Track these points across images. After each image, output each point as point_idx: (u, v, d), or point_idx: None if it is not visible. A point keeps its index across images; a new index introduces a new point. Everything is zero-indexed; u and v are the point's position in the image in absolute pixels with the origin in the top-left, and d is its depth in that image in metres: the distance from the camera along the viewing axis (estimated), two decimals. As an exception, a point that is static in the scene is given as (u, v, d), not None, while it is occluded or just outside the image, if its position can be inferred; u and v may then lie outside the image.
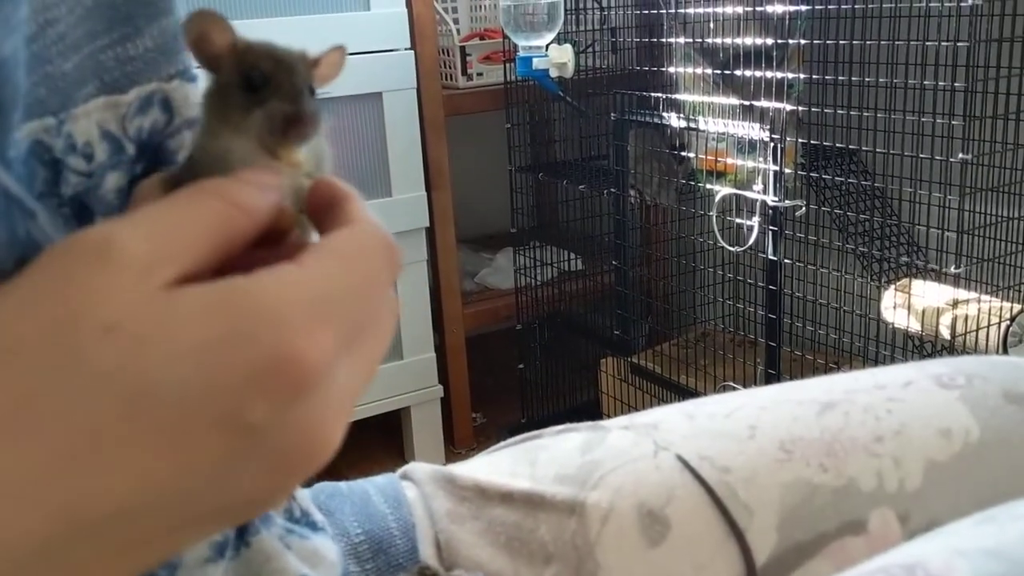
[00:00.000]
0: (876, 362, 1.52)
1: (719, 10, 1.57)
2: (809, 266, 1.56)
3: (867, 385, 0.62)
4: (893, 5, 1.34)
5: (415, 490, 0.63)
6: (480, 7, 2.28)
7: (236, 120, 0.38)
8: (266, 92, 0.38)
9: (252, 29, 0.63)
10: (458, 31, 2.12)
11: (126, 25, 0.46)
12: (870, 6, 1.37)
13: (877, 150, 1.40)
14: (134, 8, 0.46)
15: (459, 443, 2.17)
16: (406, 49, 1.91)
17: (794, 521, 0.55)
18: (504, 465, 0.63)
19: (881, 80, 1.37)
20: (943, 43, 1.26)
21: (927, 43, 1.28)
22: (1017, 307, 1.32)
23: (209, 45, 0.39)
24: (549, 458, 0.62)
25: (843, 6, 1.40)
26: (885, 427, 0.58)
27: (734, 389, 1.69)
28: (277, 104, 0.37)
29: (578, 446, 0.63)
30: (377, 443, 2.18)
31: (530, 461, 0.63)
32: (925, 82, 1.29)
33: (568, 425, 0.66)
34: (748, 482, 0.57)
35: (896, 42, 1.33)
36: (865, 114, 1.39)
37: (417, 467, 0.65)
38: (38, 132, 0.40)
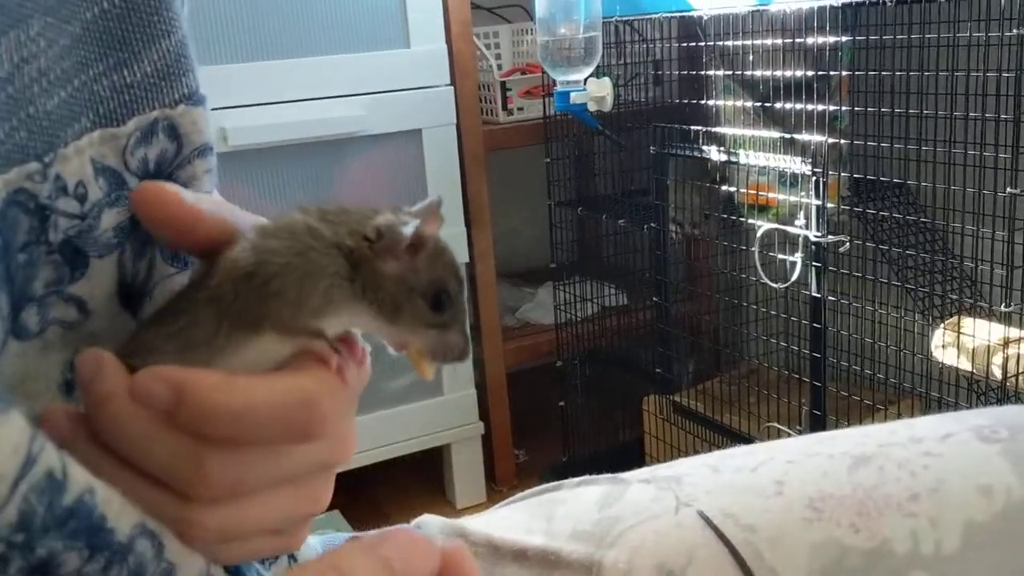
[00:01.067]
0: (926, 402, 1.47)
1: (759, 42, 1.55)
2: (855, 303, 1.51)
3: (903, 438, 0.59)
4: (936, 35, 1.31)
5: None
6: (522, 42, 2.28)
7: (406, 323, 0.40)
8: (446, 315, 0.41)
9: (294, 69, 0.63)
10: (499, 66, 2.12)
11: (122, 50, 0.43)
12: (912, 36, 1.33)
13: (923, 183, 1.36)
14: (130, 31, 0.43)
15: (501, 481, 2.14)
16: (446, 85, 1.92)
17: (823, 584, 0.52)
18: (519, 519, 0.61)
19: (927, 111, 1.34)
20: (989, 73, 1.22)
21: (972, 73, 1.24)
22: (1074, 345, 1.27)
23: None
24: (566, 513, 0.60)
25: (886, 36, 1.37)
26: (921, 484, 0.55)
27: (779, 430, 1.64)
28: (455, 337, 0.41)
29: (596, 500, 0.60)
30: (419, 481, 2.16)
31: (546, 516, 0.61)
32: (971, 113, 1.26)
33: (587, 477, 0.64)
34: (774, 542, 0.54)
35: (940, 72, 1.30)
36: (910, 146, 1.36)
37: (429, 520, 0.64)
38: (19, 181, 0.38)
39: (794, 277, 1.53)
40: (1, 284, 0.36)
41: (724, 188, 1.69)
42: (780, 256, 1.57)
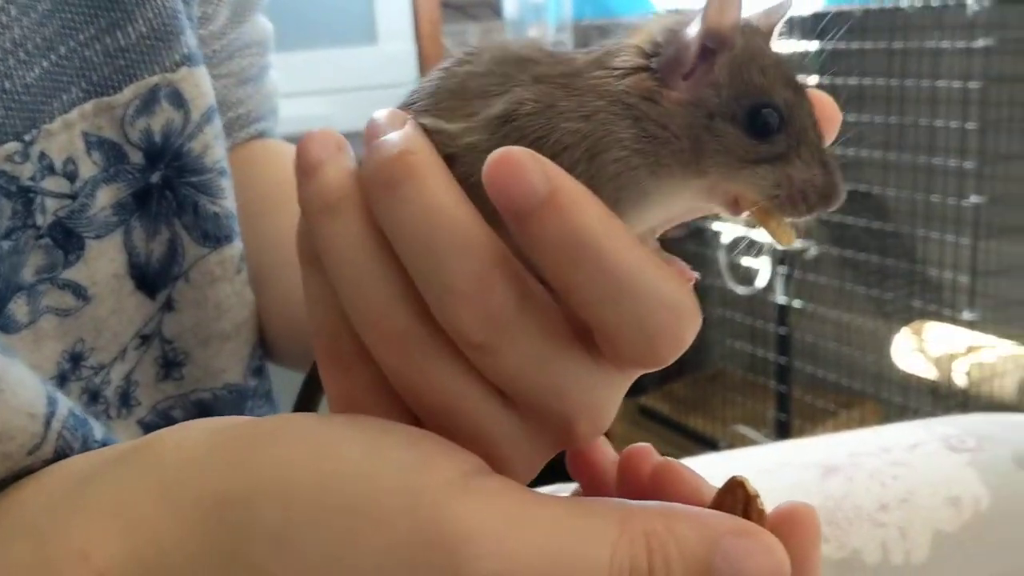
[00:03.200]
0: (889, 407, 1.48)
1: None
2: (820, 308, 1.52)
3: (872, 447, 0.59)
4: (903, 44, 1.32)
5: None
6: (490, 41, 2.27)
7: (717, 168, 0.27)
8: (779, 140, 0.27)
9: None
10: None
11: (113, 10, 0.40)
12: (879, 44, 1.34)
13: (889, 190, 1.37)
14: None
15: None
16: (414, 84, 1.90)
17: (793, 595, 0.52)
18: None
19: (893, 119, 1.35)
20: (955, 82, 1.23)
21: (939, 82, 1.26)
22: (1035, 353, 1.29)
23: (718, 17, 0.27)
24: None
25: (852, 45, 1.38)
26: (891, 494, 0.55)
27: (743, 434, 1.65)
28: (802, 170, 0.28)
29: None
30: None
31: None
32: (937, 121, 1.27)
33: (556, 487, 0.63)
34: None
35: (906, 80, 1.31)
36: (876, 154, 1.37)
37: None
38: None
39: (760, 282, 1.54)
40: None
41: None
42: (746, 261, 1.57)
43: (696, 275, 0.30)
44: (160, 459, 0.27)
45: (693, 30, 0.28)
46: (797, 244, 1.47)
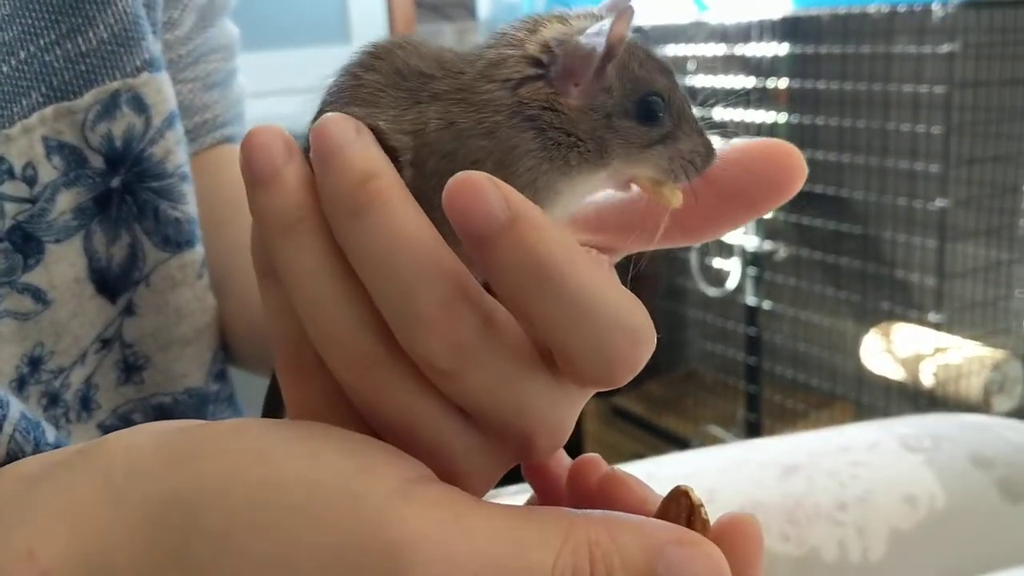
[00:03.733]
0: (859, 407, 1.50)
1: (699, 51, 1.56)
2: (789, 309, 1.54)
3: (832, 447, 0.60)
4: (870, 49, 1.33)
5: None
6: (465, 43, 2.27)
7: (619, 157, 0.30)
8: (664, 121, 0.30)
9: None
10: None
11: (74, 15, 0.40)
12: (847, 49, 1.36)
13: (855, 194, 1.39)
14: None
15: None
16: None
17: (753, 592, 0.52)
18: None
19: (860, 122, 1.36)
20: (921, 87, 1.25)
21: (903, 86, 1.27)
22: (1000, 354, 1.30)
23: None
24: None
25: (820, 49, 1.39)
26: (849, 493, 0.56)
27: (714, 434, 1.66)
28: (687, 142, 0.30)
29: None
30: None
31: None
32: (903, 125, 1.28)
33: (524, 486, 0.63)
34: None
35: (873, 85, 1.32)
36: (844, 157, 1.38)
37: None
38: None
39: (730, 284, 1.55)
40: None
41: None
42: (717, 262, 1.58)
43: None
44: (108, 461, 0.27)
45: (597, 40, 0.28)
46: (766, 246, 1.49)
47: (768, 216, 1.50)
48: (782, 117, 1.46)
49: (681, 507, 0.28)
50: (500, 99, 0.29)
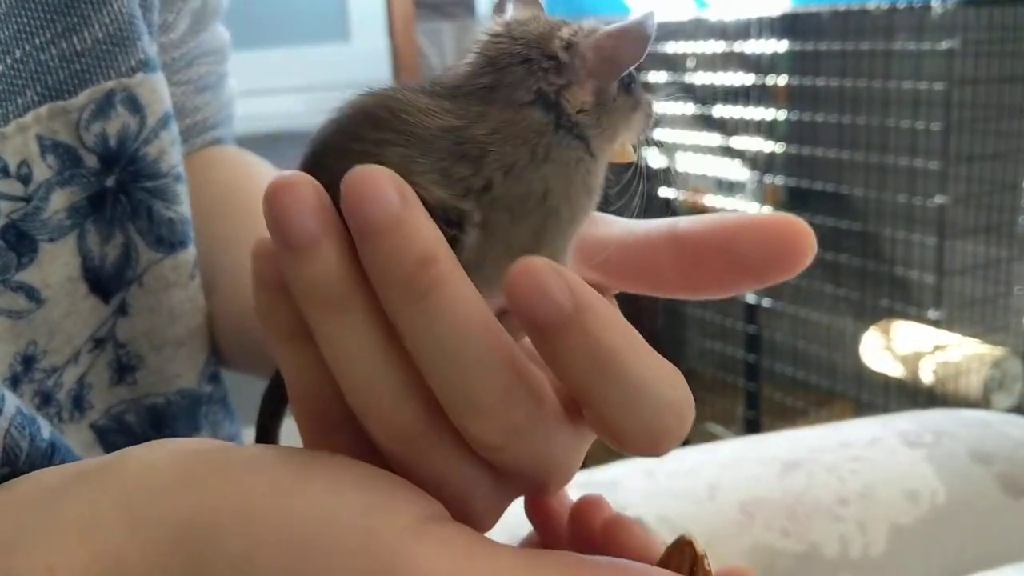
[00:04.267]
0: (858, 404, 1.50)
1: (699, 48, 1.57)
2: (789, 307, 1.54)
3: (832, 443, 0.60)
4: (869, 46, 1.33)
5: None
6: (465, 40, 2.27)
7: (621, 132, 0.31)
8: (634, 89, 0.31)
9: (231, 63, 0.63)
10: (443, 64, 2.11)
11: (69, 15, 0.40)
12: (847, 46, 1.36)
13: (854, 191, 1.39)
14: None
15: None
16: (388, 82, 1.90)
17: (755, 588, 0.53)
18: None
19: (860, 120, 1.36)
20: (920, 85, 1.25)
21: (903, 83, 1.27)
22: (999, 351, 1.30)
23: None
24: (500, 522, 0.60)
25: (819, 46, 1.39)
26: (849, 489, 0.56)
27: (714, 432, 1.66)
28: (644, 101, 0.31)
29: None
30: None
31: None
32: (903, 122, 1.28)
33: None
34: (707, 547, 0.54)
35: (873, 82, 1.32)
36: (844, 154, 1.38)
37: None
38: None
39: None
40: None
41: (662, 193, 1.71)
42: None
43: None
44: (126, 478, 0.27)
45: (637, 27, 0.29)
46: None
47: (767, 212, 1.49)
48: (781, 114, 1.46)
49: (685, 556, 0.29)
50: (535, 118, 0.29)
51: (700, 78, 1.57)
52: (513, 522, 0.32)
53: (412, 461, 0.27)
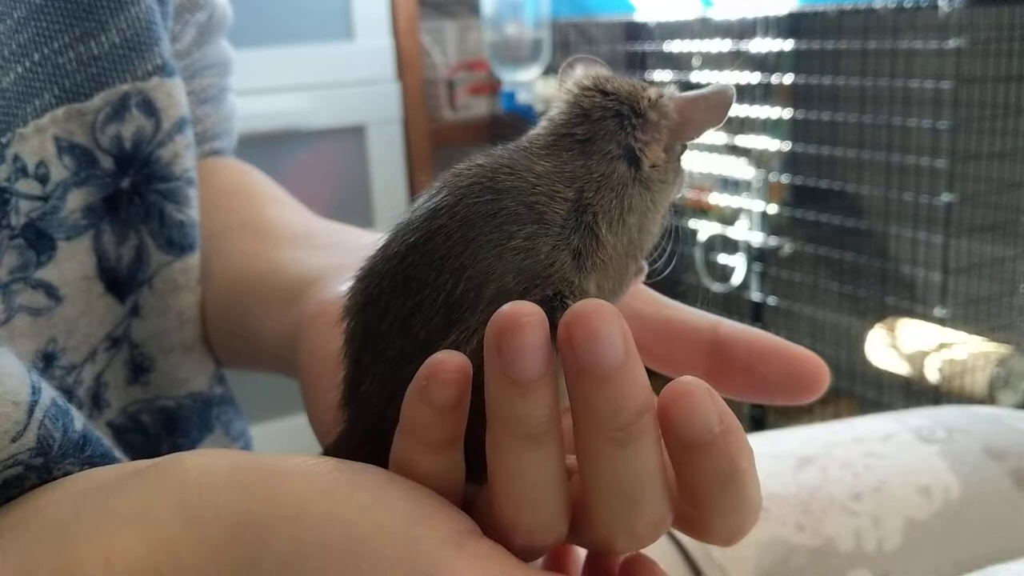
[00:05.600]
0: (864, 402, 1.50)
1: (703, 47, 1.57)
2: (795, 305, 1.54)
3: (845, 438, 0.60)
4: (876, 45, 1.33)
5: None
6: (468, 39, 2.27)
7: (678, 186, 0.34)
8: (677, 151, 0.34)
9: (237, 60, 0.64)
10: (447, 63, 2.11)
11: (87, 20, 0.41)
12: (853, 44, 1.36)
13: (860, 189, 1.39)
14: None
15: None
16: (391, 81, 1.90)
17: (769, 583, 0.53)
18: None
19: (867, 118, 1.36)
20: (928, 82, 1.25)
21: (909, 82, 1.27)
22: (1005, 349, 1.30)
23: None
24: None
25: (826, 45, 1.39)
26: (863, 484, 0.56)
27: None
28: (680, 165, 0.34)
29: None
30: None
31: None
32: (910, 121, 1.28)
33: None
34: None
35: (879, 80, 1.33)
36: (850, 152, 1.38)
37: None
38: None
39: (735, 279, 1.55)
40: None
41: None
42: (722, 258, 1.58)
43: None
44: (184, 477, 0.28)
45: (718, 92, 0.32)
46: (771, 242, 1.49)
47: (772, 211, 1.50)
48: (786, 113, 1.47)
49: None
50: (621, 171, 0.31)
51: (705, 77, 1.57)
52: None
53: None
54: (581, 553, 0.34)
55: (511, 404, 0.26)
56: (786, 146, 1.48)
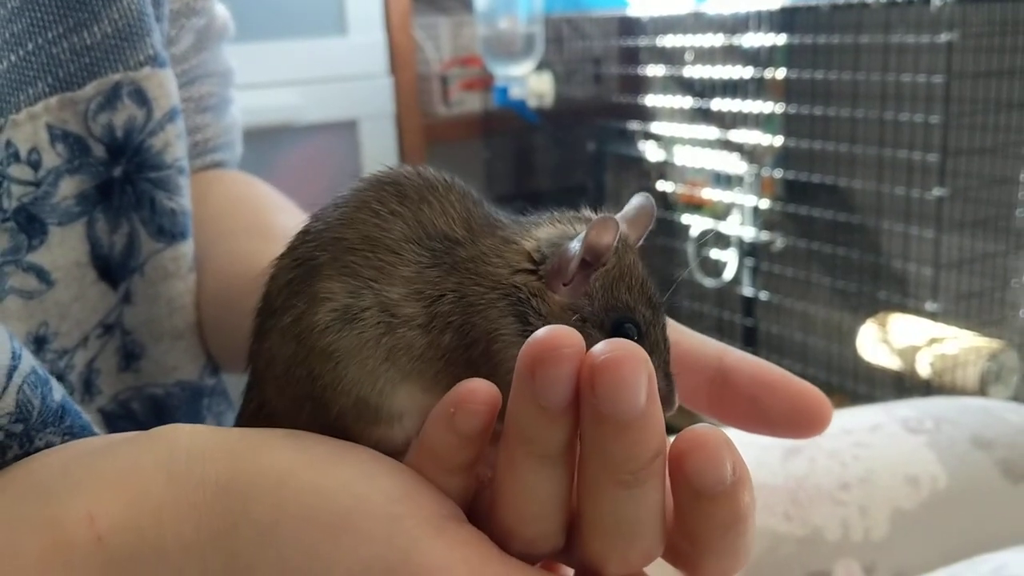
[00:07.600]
0: (855, 397, 1.50)
1: (697, 41, 1.57)
2: (786, 300, 1.54)
3: (834, 429, 0.60)
4: (868, 40, 1.34)
5: None
6: (461, 35, 2.27)
7: None
8: None
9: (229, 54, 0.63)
10: (440, 58, 2.11)
11: (80, 10, 0.42)
12: (845, 39, 1.36)
13: (852, 184, 1.39)
14: None
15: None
16: (384, 76, 1.90)
17: (758, 572, 0.53)
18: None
19: (858, 113, 1.36)
20: (919, 77, 1.25)
21: (901, 77, 1.27)
22: (996, 344, 1.31)
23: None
24: None
25: (818, 39, 1.39)
26: (851, 474, 0.56)
27: (712, 421, 1.66)
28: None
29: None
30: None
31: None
32: (902, 115, 1.29)
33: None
34: None
35: (872, 75, 1.33)
36: (842, 147, 1.38)
37: None
38: None
39: (727, 275, 1.55)
40: None
41: (660, 186, 1.71)
42: (715, 253, 1.59)
43: None
44: (173, 443, 0.29)
45: (575, 246, 0.30)
46: (763, 236, 1.49)
47: (764, 206, 1.50)
48: (779, 107, 1.47)
49: None
50: (501, 278, 0.31)
51: (698, 71, 1.57)
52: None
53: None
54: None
55: (535, 428, 0.26)
56: (778, 141, 1.48)
